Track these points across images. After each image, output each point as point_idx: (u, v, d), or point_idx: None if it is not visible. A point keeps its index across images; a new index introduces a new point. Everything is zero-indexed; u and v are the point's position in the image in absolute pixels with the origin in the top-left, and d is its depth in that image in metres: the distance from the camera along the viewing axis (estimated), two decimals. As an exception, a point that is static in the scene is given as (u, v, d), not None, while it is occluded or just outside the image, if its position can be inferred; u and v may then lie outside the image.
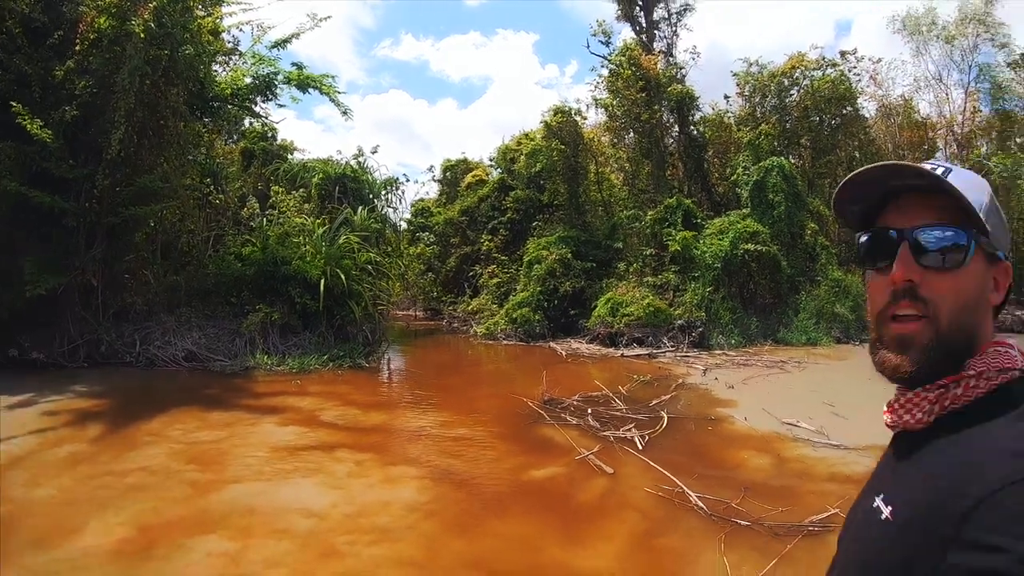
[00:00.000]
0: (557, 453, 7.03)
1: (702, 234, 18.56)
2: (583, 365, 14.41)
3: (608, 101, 21.63)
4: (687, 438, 7.99)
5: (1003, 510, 0.62)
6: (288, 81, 15.64)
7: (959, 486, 0.68)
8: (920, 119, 26.25)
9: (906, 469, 0.82)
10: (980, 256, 0.81)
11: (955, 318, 0.80)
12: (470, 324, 22.14)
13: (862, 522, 0.84)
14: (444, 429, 8.17)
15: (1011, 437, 0.70)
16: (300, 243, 14.58)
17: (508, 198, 24.22)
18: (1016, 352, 0.81)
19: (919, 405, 0.82)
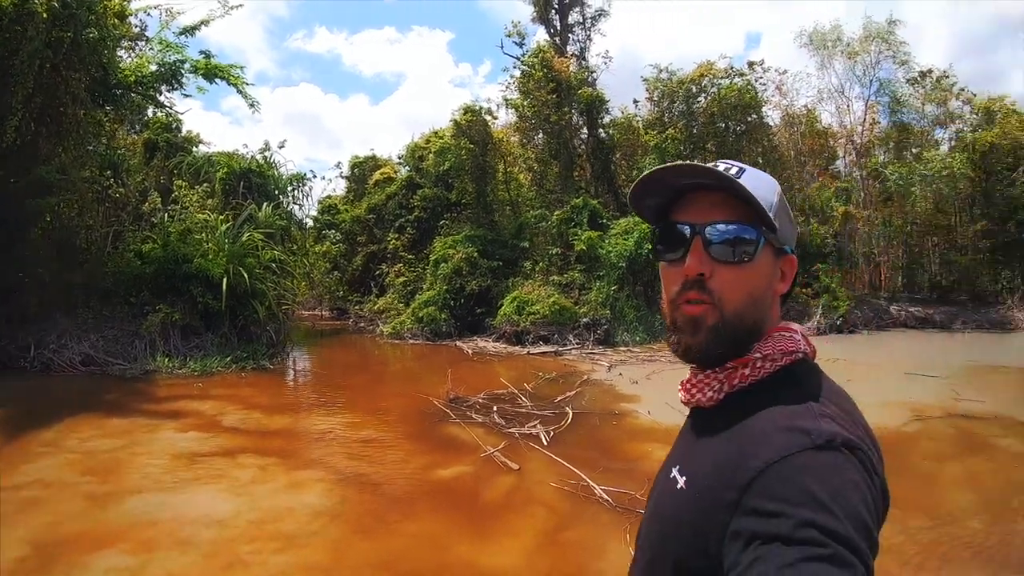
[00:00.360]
0: (463, 451, 7.55)
1: (608, 234, 20.58)
2: (489, 363, 15.44)
3: (519, 101, 23.50)
4: (592, 433, 8.62)
5: (779, 480, 0.74)
6: (195, 70, 15.94)
7: (742, 459, 0.80)
8: (822, 128, 29.77)
9: (699, 443, 0.96)
10: (768, 250, 0.96)
11: (739, 308, 0.93)
12: (376, 324, 23.32)
13: (662, 491, 0.98)
14: (350, 431, 8.63)
15: (788, 414, 0.83)
16: (202, 240, 14.85)
17: (416, 196, 25.56)
18: (799, 336, 0.97)
19: (710, 385, 0.95)
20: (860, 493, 0.74)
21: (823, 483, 0.72)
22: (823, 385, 0.91)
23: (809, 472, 0.74)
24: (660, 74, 25.24)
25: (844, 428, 0.81)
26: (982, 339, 22.59)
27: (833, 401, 0.87)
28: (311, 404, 10.96)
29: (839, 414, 0.84)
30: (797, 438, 0.77)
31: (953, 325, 24.92)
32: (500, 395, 10.66)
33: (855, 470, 0.76)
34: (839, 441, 0.77)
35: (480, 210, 23.80)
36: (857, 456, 0.77)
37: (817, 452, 0.76)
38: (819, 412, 0.82)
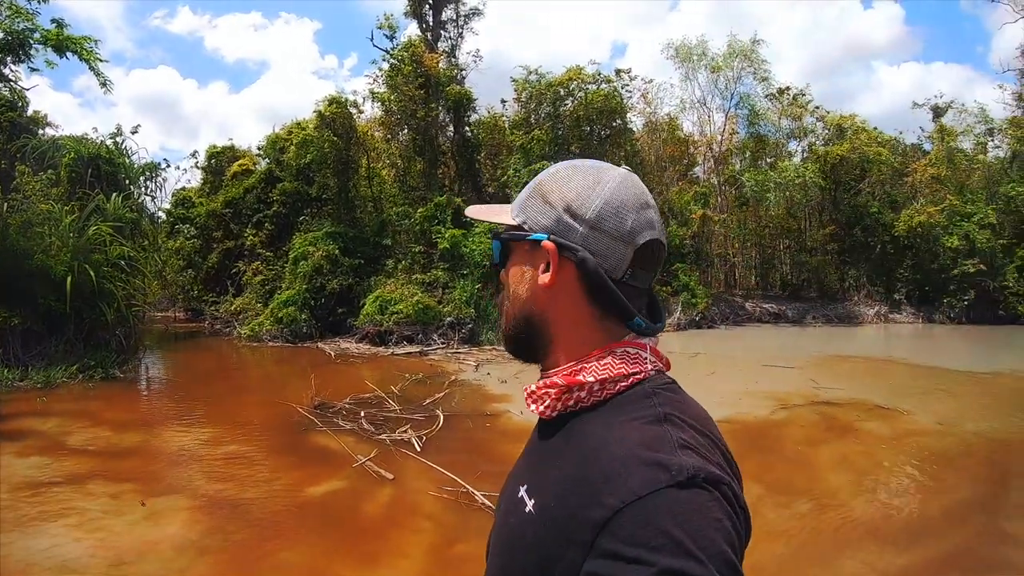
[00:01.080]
0: (334, 463, 7.66)
1: (471, 232, 22.01)
2: (353, 365, 15.96)
3: (386, 95, 24.90)
4: (465, 436, 8.96)
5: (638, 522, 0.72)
6: (45, 41, 15.49)
7: (596, 493, 0.78)
8: (683, 136, 33.75)
9: (546, 462, 0.94)
10: (517, 249, 1.02)
11: (505, 307, 1.05)
12: (234, 325, 23.66)
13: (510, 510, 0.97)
14: (211, 447, 8.48)
15: (643, 442, 0.81)
16: (45, 234, 14.33)
17: (275, 190, 25.85)
18: (646, 354, 0.96)
19: (541, 399, 0.96)
20: (725, 532, 0.74)
21: (686, 525, 0.71)
22: (677, 404, 0.90)
23: (670, 513, 0.72)
24: (529, 76, 27.39)
25: (705, 458, 0.81)
26: (832, 332, 26.05)
27: (689, 423, 0.87)
28: (166, 417, 10.64)
29: (698, 440, 0.85)
30: (655, 473, 0.76)
31: (804, 320, 28.87)
32: (367, 399, 10.90)
33: (718, 507, 0.76)
34: (701, 477, 0.76)
35: (342, 206, 24.63)
36: (720, 491, 0.77)
37: (678, 490, 0.74)
38: (677, 440, 0.82)
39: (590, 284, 0.95)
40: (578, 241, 0.95)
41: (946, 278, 28.79)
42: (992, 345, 22.11)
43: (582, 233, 0.95)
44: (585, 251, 0.94)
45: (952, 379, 14.10)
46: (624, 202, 0.96)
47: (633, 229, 0.95)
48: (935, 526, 6.07)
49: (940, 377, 14.34)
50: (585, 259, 0.93)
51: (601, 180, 0.97)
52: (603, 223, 0.94)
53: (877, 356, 19.01)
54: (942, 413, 10.41)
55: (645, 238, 0.96)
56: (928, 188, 30.82)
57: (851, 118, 32.83)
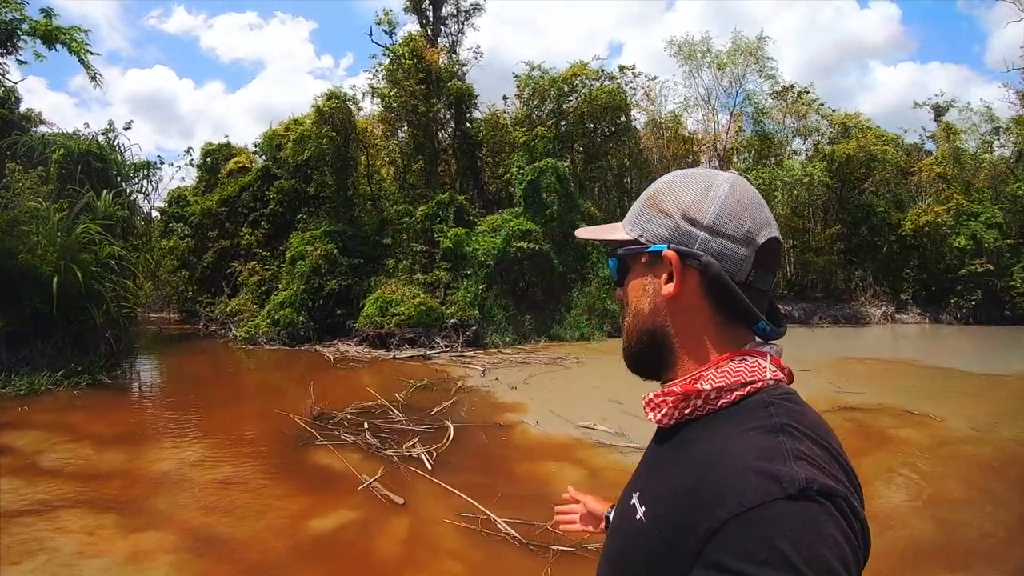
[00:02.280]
0: (339, 486, 6.97)
1: (474, 231, 21.60)
2: (353, 370, 15.37)
3: (386, 90, 24.34)
4: (480, 451, 8.30)
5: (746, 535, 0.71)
6: (34, 32, 15.12)
7: (706, 504, 0.77)
8: (687, 134, 33.42)
9: (659, 470, 0.95)
10: (635, 264, 1.02)
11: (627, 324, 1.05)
12: (229, 327, 23.12)
13: (623, 517, 0.98)
14: (203, 469, 7.63)
15: (756, 452, 0.80)
16: (31, 232, 13.86)
17: (272, 188, 25.32)
18: (766, 362, 0.94)
19: (659, 407, 0.95)
20: (836, 548, 0.71)
21: (794, 541, 0.70)
22: (794, 415, 0.87)
23: (779, 527, 0.71)
24: (532, 71, 26.89)
25: (819, 470, 0.78)
26: (840, 333, 25.86)
27: (807, 435, 0.84)
28: (155, 431, 9.88)
29: (814, 451, 0.82)
30: (767, 485, 0.74)
31: (811, 320, 28.59)
32: (369, 408, 10.38)
33: (831, 522, 0.73)
34: (814, 489, 0.74)
35: (340, 204, 24.13)
36: (835, 504, 0.75)
37: (790, 503, 0.73)
38: (791, 451, 0.79)
39: (714, 290, 0.93)
40: (699, 247, 0.93)
41: (953, 278, 28.65)
42: (1004, 346, 22.02)
43: (703, 238, 0.93)
44: (708, 256, 0.92)
45: (973, 382, 13.87)
46: (740, 202, 0.94)
47: (752, 228, 0.94)
48: (999, 546, 5.71)
49: (961, 380, 14.13)
50: (709, 263, 0.92)
51: (713, 183, 0.96)
52: (722, 225, 0.93)
53: (891, 357, 18.71)
54: (974, 418, 10.09)
55: (765, 236, 0.95)
56: (934, 187, 30.70)
57: (856, 116, 32.68)
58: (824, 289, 31.46)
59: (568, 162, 25.26)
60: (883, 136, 31.81)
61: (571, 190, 23.34)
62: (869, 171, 30.93)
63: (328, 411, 10.00)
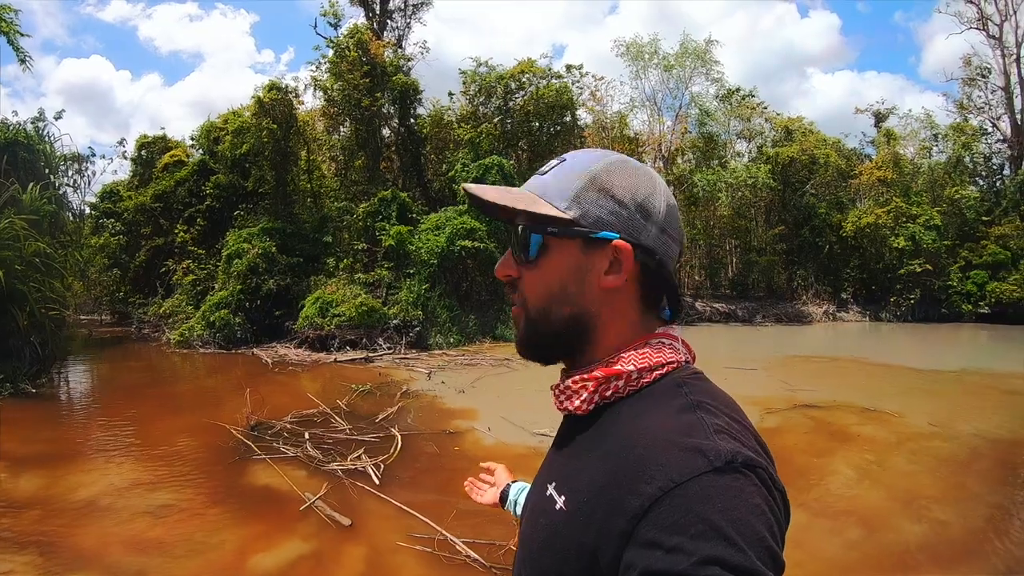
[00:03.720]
0: (283, 510, 6.24)
1: (418, 229, 20.80)
2: (293, 375, 14.60)
3: (330, 82, 23.26)
4: (431, 462, 7.75)
5: (677, 509, 0.70)
6: None
7: (633, 481, 0.76)
8: (632, 135, 33.23)
9: (576, 456, 0.92)
10: (564, 244, 0.92)
11: (538, 305, 0.94)
12: (163, 329, 21.86)
13: (539, 509, 0.94)
14: (133, 494, 6.67)
15: (679, 428, 0.79)
16: None
17: (209, 183, 24.21)
18: (679, 344, 0.95)
19: (578, 393, 0.92)
20: (764, 518, 0.71)
21: (725, 512, 0.69)
22: (708, 393, 0.88)
23: (709, 500, 0.70)
24: (479, 67, 26.28)
25: (740, 443, 0.78)
26: (783, 331, 26.08)
27: (722, 410, 0.84)
28: (81, 450, 8.64)
29: (732, 426, 0.82)
30: (694, 459, 0.74)
31: (755, 319, 28.83)
32: (310, 416, 9.71)
33: (757, 492, 0.73)
34: (739, 461, 0.74)
35: (279, 200, 23.01)
36: (757, 475, 0.75)
37: (717, 475, 0.72)
38: (712, 426, 0.79)
39: (651, 283, 0.95)
40: (651, 243, 0.93)
41: (892, 277, 29.45)
42: (943, 342, 22.72)
43: (654, 235, 0.93)
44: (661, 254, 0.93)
45: (922, 378, 14.07)
46: (675, 205, 0.97)
47: (681, 231, 0.98)
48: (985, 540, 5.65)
49: (909, 376, 14.36)
50: (664, 262, 0.94)
51: (656, 180, 0.97)
52: (668, 225, 0.95)
53: (837, 355, 18.84)
54: (931, 414, 10.16)
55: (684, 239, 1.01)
56: (874, 190, 31.33)
57: (799, 120, 33.33)
58: (767, 288, 31.87)
59: (513, 160, 24.71)
60: (825, 140, 32.52)
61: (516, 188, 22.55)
62: (811, 174, 31.46)
63: (266, 420, 9.26)
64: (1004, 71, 33.78)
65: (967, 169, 33.45)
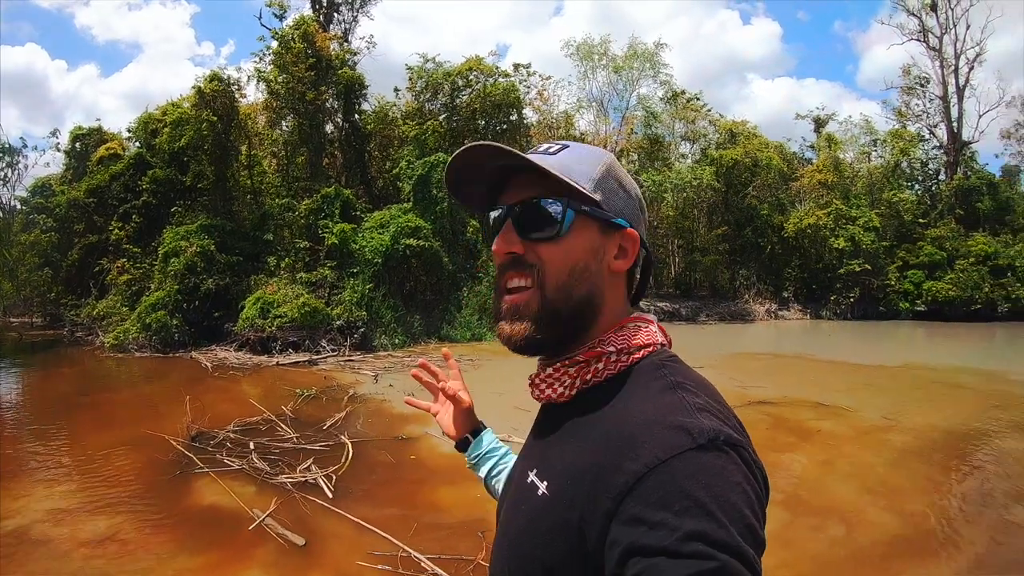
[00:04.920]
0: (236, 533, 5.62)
1: (361, 227, 20.25)
2: (234, 380, 14.03)
3: (273, 75, 22.47)
4: (386, 472, 7.33)
5: (662, 486, 0.70)
6: None
7: (617, 459, 0.76)
8: (578, 135, 33.24)
9: (556, 443, 0.91)
10: (587, 223, 0.92)
11: (560, 283, 0.91)
12: (97, 332, 20.74)
13: (519, 498, 0.93)
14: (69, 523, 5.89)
15: (662, 408, 0.79)
16: None
17: (145, 178, 23.06)
18: (655, 328, 0.95)
19: (560, 379, 0.92)
20: (745, 495, 0.72)
21: (708, 488, 0.70)
22: (686, 374, 0.88)
23: (694, 477, 0.71)
24: (426, 63, 25.82)
25: (722, 422, 0.78)
26: (727, 329, 26.42)
27: (703, 391, 0.84)
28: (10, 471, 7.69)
29: (712, 405, 0.81)
30: (678, 437, 0.74)
31: (699, 318, 28.98)
32: (255, 424, 9.17)
33: (738, 470, 0.73)
34: (722, 439, 0.74)
35: (218, 197, 22.09)
36: (739, 454, 0.75)
37: (700, 453, 0.73)
38: (693, 405, 0.79)
39: (638, 271, 0.99)
40: (644, 235, 0.98)
41: (832, 277, 30.14)
42: (883, 339, 23.31)
43: (644, 229, 0.99)
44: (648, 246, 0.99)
45: (868, 373, 14.35)
46: None
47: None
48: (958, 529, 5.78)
49: (854, 372, 14.69)
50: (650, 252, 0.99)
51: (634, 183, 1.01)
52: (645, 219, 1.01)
53: (782, 352, 19.12)
54: (883, 408, 10.39)
55: None
56: (815, 192, 31.95)
57: (743, 124, 33.88)
58: (710, 287, 32.20)
59: (459, 158, 24.10)
60: (767, 144, 33.11)
61: (462, 186, 22.20)
62: (753, 176, 31.92)
63: (208, 430, 8.69)
64: (942, 81, 35.26)
65: (904, 173, 34.67)
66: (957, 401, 11.25)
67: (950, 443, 8.56)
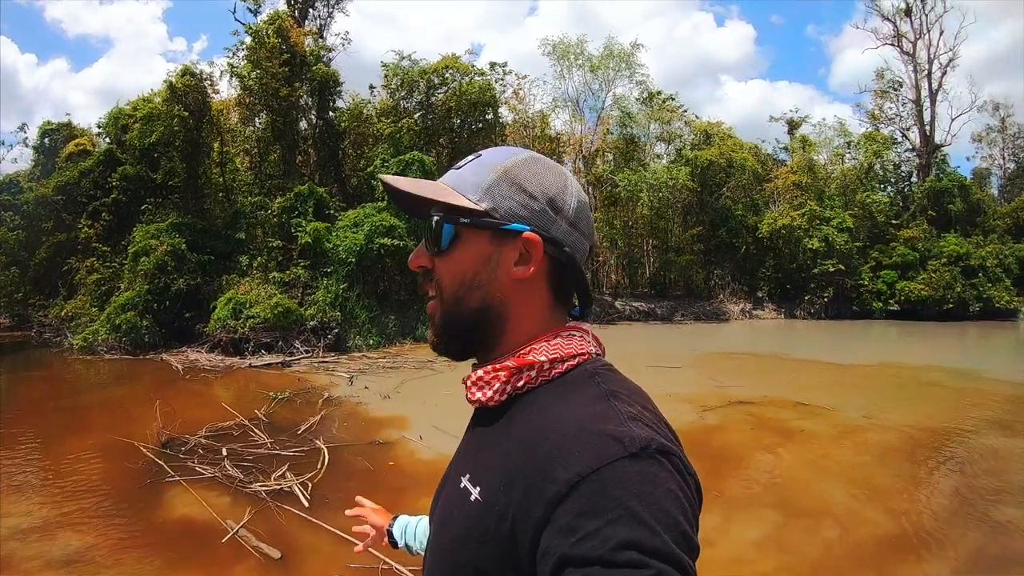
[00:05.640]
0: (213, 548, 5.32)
1: (335, 226, 19.94)
2: (206, 383, 13.67)
3: (247, 70, 22.08)
4: (365, 480, 7.06)
5: (593, 495, 0.70)
6: None
7: (548, 467, 0.75)
8: (553, 134, 33.30)
9: (488, 448, 0.90)
10: (475, 234, 0.92)
11: (451, 294, 0.93)
12: (65, 333, 20.22)
13: (452, 503, 0.92)
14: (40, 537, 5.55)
15: (593, 416, 0.78)
16: None
17: (115, 174, 22.47)
18: (590, 337, 0.95)
19: (489, 383, 0.91)
20: (678, 502, 0.72)
21: (641, 497, 0.69)
22: (620, 383, 0.88)
23: (625, 485, 0.70)
24: (401, 61, 25.50)
25: (654, 430, 0.78)
26: (702, 329, 26.43)
27: (635, 399, 0.84)
28: None
29: (645, 414, 0.81)
30: (609, 446, 0.73)
31: (674, 317, 29.02)
32: (227, 429, 8.85)
33: (671, 477, 0.73)
34: (654, 447, 0.74)
35: (189, 195, 21.65)
36: (671, 461, 0.75)
37: (632, 461, 0.72)
38: (625, 414, 0.78)
39: (561, 276, 0.94)
40: (561, 236, 0.93)
41: (806, 277, 30.26)
42: (857, 338, 23.38)
43: (564, 229, 0.93)
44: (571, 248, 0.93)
45: (844, 372, 14.40)
46: (585, 204, 0.97)
47: (592, 227, 0.98)
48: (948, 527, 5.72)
49: (831, 371, 14.70)
50: (573, 255, 0.93)
51: (568, 177, 0.97)
52: (578, 221, 0.95)
53: (758, 352, 19.03)
54: (862, 406, 10.37)
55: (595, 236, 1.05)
56: (789, 194, 32.09)
57: (718, 125, 33.95)
58: (685, 287, 32.26)
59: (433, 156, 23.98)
60: (742, 145, 33.18)
61: (437, 185, 21.88)
62: (728, 177, 32.02)
63: (179, 436, 8.36)
64: (916, 85, 35.61)
65: (877, 176, 34.99)
66: (934, 399, 11.30)
67: (931, 441, 8.59)
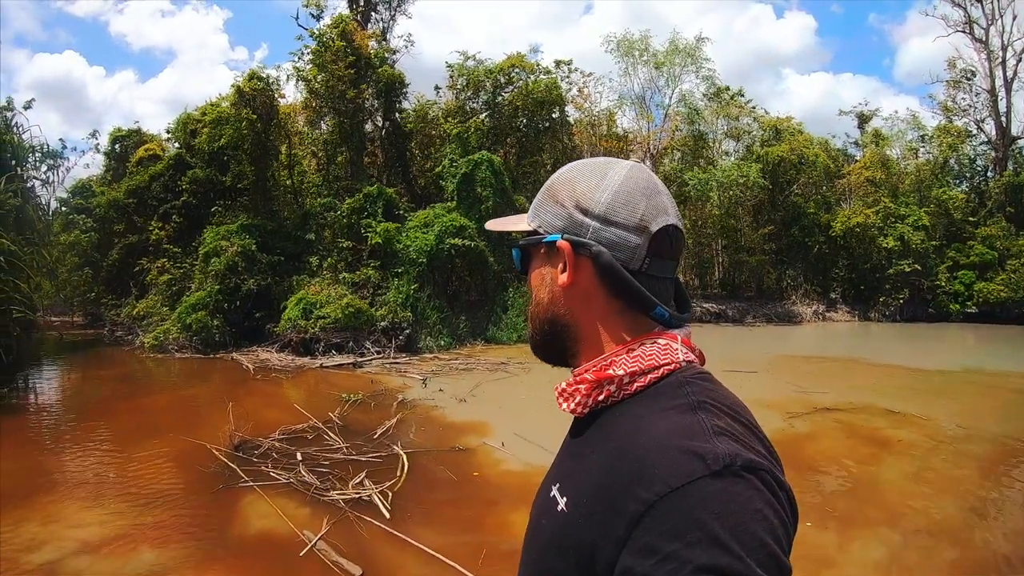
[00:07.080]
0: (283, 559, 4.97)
1: (405, 226, 19.54)
2: (276, 383, 13.43)
3: (312, 73, 21.84)
4: (449, 491, 6.59)
5: (673, 515, 0.68)
6: None
7: (630, 485, 0.73)
8: (621, 132, 32.53)
9: (578, 459, 0.89)
10: (536, 255, 0.98)
11: (531, 310, 0.99)
12: (137, 332, 20.21)
13: (542, 511, 0.91)
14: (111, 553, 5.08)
15: (677, 431, 0.76)
16: None
17: (185, 178, 22.55)
18: (677, 344, 0.90)
19: (572, 396, 0.90)
20: (765, 522, 0.68)
21: (722, 517, 0.67)
22: (710, 393, 0.84)
23: (706, 505, 0.68)
24: (466, 61, 25.01)
25: (742, 445, 0.75)
26: (775, 331, 25.52)
27: (725, 411, 0.81)
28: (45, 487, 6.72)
29: (733, 427, 0.78)
30: (691, 463, 0.71)
31: (745, 319, 28.09)
32: (301, 432, 8.46)
33: (758, 496, 0.70)
34: (739, 464, 0.71)
35: (259, 196, 21.48)
36: (760, 478, 0.72)
37: (714, 480, 0.69)
38: (712, 428, 0.76)
39: (608, 278, 0.91)
40: (591, 236, 0.91)
41: (880, 277, 28.95)
42: (936, 342, 22.53)
43: (594, 228, 0.91)
44: (599, 245, 0.90)
45: (927, 378, 13.79)
46: (633, 191, 0.91)
47: (645, 216, 0.91)
48: None
49: (913, 376, 14.01)
50: (599, 253, 0.90)
51: (607, 173, 0.93)
52: (614, 215, 0.90)
53: (835, 355, 18.26)
54: (954, 416, 9.88)
55: (659, 224, 0.91)
56: (862, 190, 30.82)
57: (787, 120, 32.58)
58: (756, 288, 31.21)
59: (502, 156, 23.46)
60: (812, 140, 31.81)
61: (506, 185, 21.59)
62: (799, 173, 30.81)
63: (252, 439, 8.00)
64: (989, 74, 33.45)
65: (952, 171, 33.29)
66: (1027, 409, 10.82)
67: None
